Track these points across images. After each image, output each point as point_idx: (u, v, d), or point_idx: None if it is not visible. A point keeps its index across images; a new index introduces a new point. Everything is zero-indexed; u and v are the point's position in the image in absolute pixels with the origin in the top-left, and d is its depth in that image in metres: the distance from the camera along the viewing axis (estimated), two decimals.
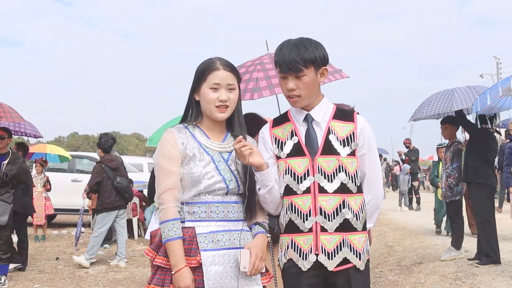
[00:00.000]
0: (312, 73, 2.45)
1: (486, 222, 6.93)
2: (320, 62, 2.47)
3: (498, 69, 33.57)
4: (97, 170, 8.45)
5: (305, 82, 2.44)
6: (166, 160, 2.42)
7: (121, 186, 8.32)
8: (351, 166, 2.48)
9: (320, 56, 2.46)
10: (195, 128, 2.52)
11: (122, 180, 8.39)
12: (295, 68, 2.42)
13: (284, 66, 2.44)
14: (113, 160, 8.49)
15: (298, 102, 2.50)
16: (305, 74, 2.43)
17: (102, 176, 8.32)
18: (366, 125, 2.57)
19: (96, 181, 8.33)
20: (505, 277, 6.21)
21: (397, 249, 9.25)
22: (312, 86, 2.47)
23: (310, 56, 2.42)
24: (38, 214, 11.42)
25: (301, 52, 2.42)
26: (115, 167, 8.44)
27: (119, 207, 8.46)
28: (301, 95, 2.47)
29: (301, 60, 2.41)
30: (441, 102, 7.69)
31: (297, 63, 2.41)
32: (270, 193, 2.49)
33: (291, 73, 2.44)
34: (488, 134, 7.27)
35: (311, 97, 2.51)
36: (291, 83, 2.45)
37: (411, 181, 17.17)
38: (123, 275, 7.77)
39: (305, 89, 2.46)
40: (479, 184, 6.98)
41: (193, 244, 2.37)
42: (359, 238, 2.48)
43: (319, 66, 2.47)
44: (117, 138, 63.53)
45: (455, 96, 7.44)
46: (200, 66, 2.52)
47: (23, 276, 7.62)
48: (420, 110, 8.06)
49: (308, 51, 2.43)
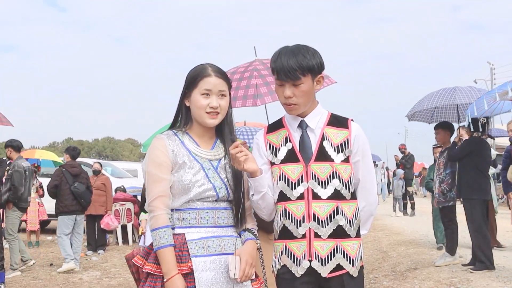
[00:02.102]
0: (309, 81, 2.45)
1: (478, 229, 6.96)
2: (317, 70, 2.47)
3: (492, 74, 33.74)
4: (57, 173, 8.89)
5: (302, 90, 2.44)
6: (156, 167, 2.41)
7: (78, 191, 8.63)
8: (345, 172, 2.48)
9: (318, 64, 2.46)
10: (185, 135, 2.52)
11: (80, 185, 8.70)
12: (293, 76, 2.41)
13: (281, 73, 2.43)
14: (75, 167, 8.92)
15: (294, 109, 2.50)
16: (303, 82, 2.43)
17: (60, 180, 8.69)
18: (360, 132, 2.57)
19: (54, 184, 8.68)
20: (499, 282, 6.22)
21: (391, 255, 9.25)
22: (308, 94, 2.47)
23: (308, 64, 2.42)
24: (32, 220, 11.40)
25: (299, 60, 2.41)
26: (76, 173, 8.83)
27: (75, 211, 8.72)
28: (298, 103, 2.47)
29: (299, 68, 2.40)
30: (443, 96, 7.83)
31: (295, 71, 2.40)
32: (263, 199, 2.49)
33: (289, 81, 2.43)
34: (481, 143, 7.27)
35: (307, 105, 2.51)
36: (288, 91, 2.44)
37: (406, 186, 17.19)
38: (117, 281, 7.75)
39: (302, 97, 2.46)
40: (473, 199, 7.03)
41: (183, 251, 2.36)
42: (352, 245, 2.48)
43: (316, 74, 2.47)
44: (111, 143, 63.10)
45: (457, 91, 7.62)
46: (191, 72, 2.52)
47: (17, 282, 7.59)
48: (420, 103, 8.25)
49: (306, 59, 2.42)
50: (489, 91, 7.24)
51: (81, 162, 15.66)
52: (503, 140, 18.56)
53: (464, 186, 7.07)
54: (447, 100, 7.85)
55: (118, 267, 8.92)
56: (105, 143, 72.38)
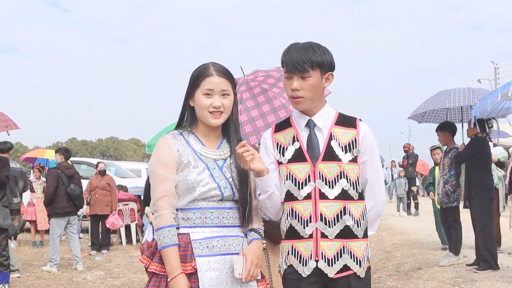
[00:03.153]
0: (318, 76, 2.46)
1: (485, 228, 6.94)
2: (327, 67, 2.48)
3: (496, 74, 33.63)
4: (54, 175, 8.72)
5: (310, 83, 2.45)
6: (162, 167, 2.41)
7: (74, 193, 8.59)
8: (352, 172, 2.48)
9: (327, 61, 2.48)
10: (190, 135, 2.52)
11: (75, 187, 8.67)
12: (302, 68, 2.43)
13: (290, 65, 2.45)
14: (69, 168, 8.90)
15: (301, 103, 2.50)
16: (311, 76, 2.44)
17: (57, 181, 8.58)
18: (368, 132, 2.56)
19: (54, 185, 8.56)
20: (503, 282, 6.21)
21: (395, 255, 9.24)
22: (316, 89, 2.47)
23: (318, 59, 2.44)
24: (41, 220, 11.36)
25: (309, 54, 2.44)
26: (71, 174, 8.78)
27: (70, 213, 8.68)
28: (304, 97, 2.47)
29: (308, 60, 2.42)
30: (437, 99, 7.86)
31: (304, 63, 2.42)
32: (270, 198, 2.49)
33: (297, 72, 2.45)
34: (485, 143, 7.25)
35: (314, 101, 2.51)
36: (295, 83, 2.46)
37: (409, 185, 17.15)
38: (121, 281, 7.76)
39: (310, 91, 2.46)
40: (482, 199, 7.01)
41: (188, 250, 2.37)
42: (359, 245, 2.47)
43: (325, 71, 2.48)
44: (115, 143, 63.20)
45: (451, 95, 7.62)
46: (195, 71, 2.52)
47: (20, 282, 7.61)
48: (418, 108, 8.30)
49: (316, 53, 2.45)
50: (493, 91, 7.21)
51: (85, 162, 15.77)
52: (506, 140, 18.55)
53: (473, 186, 7.04)
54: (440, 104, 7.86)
55: (122, 267, 8.94)
56: (109, 143, 72.46)
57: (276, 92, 4.46)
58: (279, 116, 4.26)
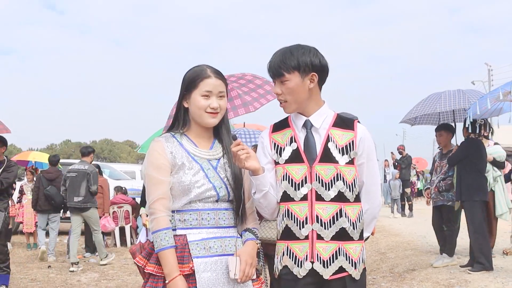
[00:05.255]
0: (297, 79, 2.45)
1: (478, 230, 6.96)
2: (306, 68, 2.45)
3: (490, 76, 33.75)
4: (37, 179, 10.60)
5: (288, 87, 2.47)
6: (155, 169, 2.42)
7: (48, 193, 10.03)
8: (349, 174, 2.48)
9: (306, 62, 2.44)
10: (183, 137, 2.53)
11: (52, 189, 10.05)
12: (277, 73, 2.47)
13: (269, 71, 2.52)
14: (50, 173, 10.39)
15: (286, 107, 2.54)
16: (288, 79, 2.46)
17: (38, 184, 10.25)
18: (366, 134, 2.56)
19: (37, 187, 10.27)
20: (497, 283, 6.23)
21: (389, 256, 9.27)
22: (296, 91, 2.47)
23: (293, 62, 2.44)
24: (28, 222, 11.42)
25: (284, 58, 2.46)
26: (50, 178, 10.24)
27: (47, 211, 10.24)
28: (287, 100, 2.50)
29: (283, 65, 2.45)
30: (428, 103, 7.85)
31: (279, 68, 2.46)
32: (265, 198, 2.49)
33: (276, 78, 2.50)
34: (478, 144, 7.25)
35: (300, 103, 2.51)
36: (277, 88, 2.52)
37: (403, 187, 17.21)
38: (115, 283, 7.74)
39: (290, 94, 2.48)
40: (474, 201, 7.01)
41: (185, 252, 2.38)
42: (355, 248, 2.48)
43: (305, 72, 2.46)
44: (109, 145, 63.09)
45: (442, 98, 7.59)
46: (190, 73, 2.53)
47: (15, 284, 7.57)
48: (410, 113, 8.27)
49: (292, 56, 2.45)
50: (493, 90, 7.20)
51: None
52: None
53: (464, 188, 7.04)
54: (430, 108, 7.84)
55: (116, 269, 8.91)
56: (103, 145, 72.20)
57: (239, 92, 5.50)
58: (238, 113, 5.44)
